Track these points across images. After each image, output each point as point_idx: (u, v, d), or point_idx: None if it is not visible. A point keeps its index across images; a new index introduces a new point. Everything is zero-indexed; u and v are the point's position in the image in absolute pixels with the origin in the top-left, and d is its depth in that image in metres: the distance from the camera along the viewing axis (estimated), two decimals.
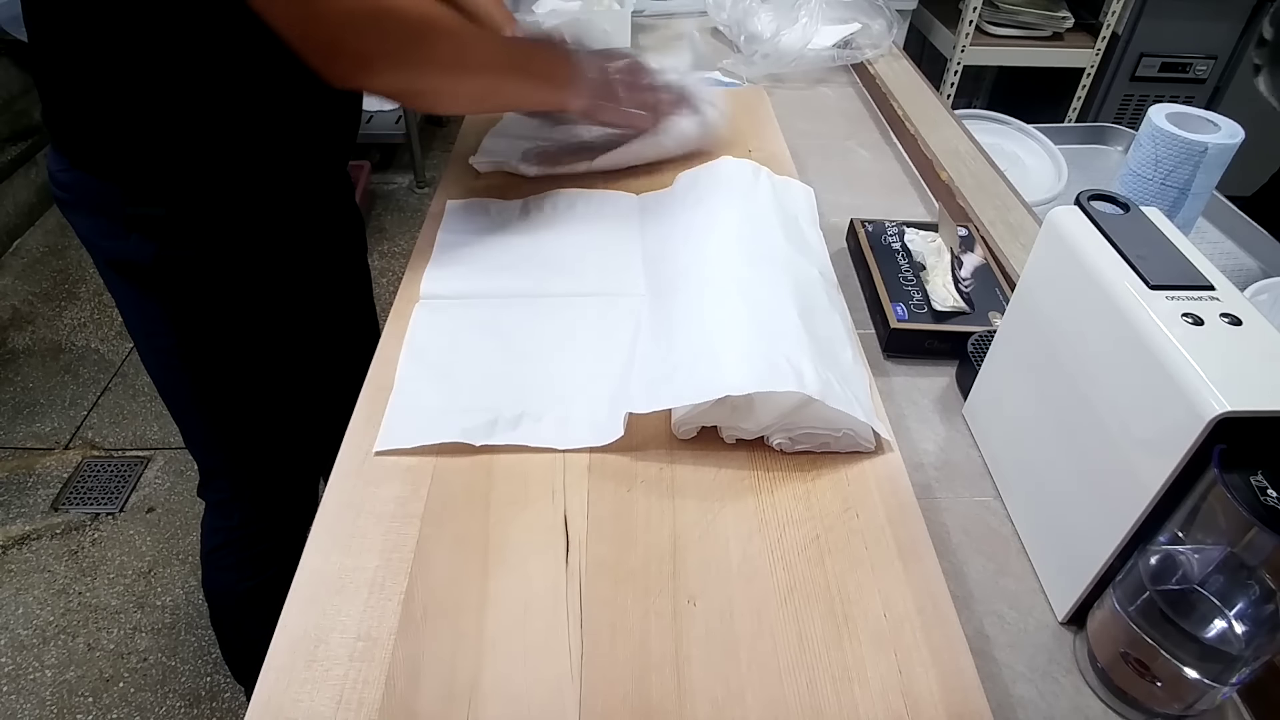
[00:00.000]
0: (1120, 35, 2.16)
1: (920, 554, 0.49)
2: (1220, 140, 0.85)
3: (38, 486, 1.62)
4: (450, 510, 0.51)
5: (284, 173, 0.74)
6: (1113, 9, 2.13)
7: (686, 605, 0.46)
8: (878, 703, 0.42)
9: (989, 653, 0.48)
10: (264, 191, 0.73)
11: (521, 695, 0.42)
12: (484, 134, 0.90)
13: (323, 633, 0.45)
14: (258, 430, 0.84)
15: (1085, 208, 0.49)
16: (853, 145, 1.01)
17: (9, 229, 2.28)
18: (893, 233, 0.77)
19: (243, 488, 0.89)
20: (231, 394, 0.80)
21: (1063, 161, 1.10)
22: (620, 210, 0.79)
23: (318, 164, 0.80)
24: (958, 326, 0.66)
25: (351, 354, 1.09)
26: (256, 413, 0.83)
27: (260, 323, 0.78)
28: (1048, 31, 2.22)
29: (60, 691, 1.31)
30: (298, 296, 0.81)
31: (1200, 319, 0.42)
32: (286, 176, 0.75)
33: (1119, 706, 0.45)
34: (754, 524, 0.51)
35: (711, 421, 0.55)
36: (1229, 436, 0.37)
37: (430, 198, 0.82)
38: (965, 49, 2.21)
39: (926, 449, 0.61)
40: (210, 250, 0.71)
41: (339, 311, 0.95)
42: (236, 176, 0.70)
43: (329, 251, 0.88)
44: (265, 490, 0.90)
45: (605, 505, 0.52)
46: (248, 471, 0.88)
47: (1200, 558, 0.41)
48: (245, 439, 0.85)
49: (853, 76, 1.19)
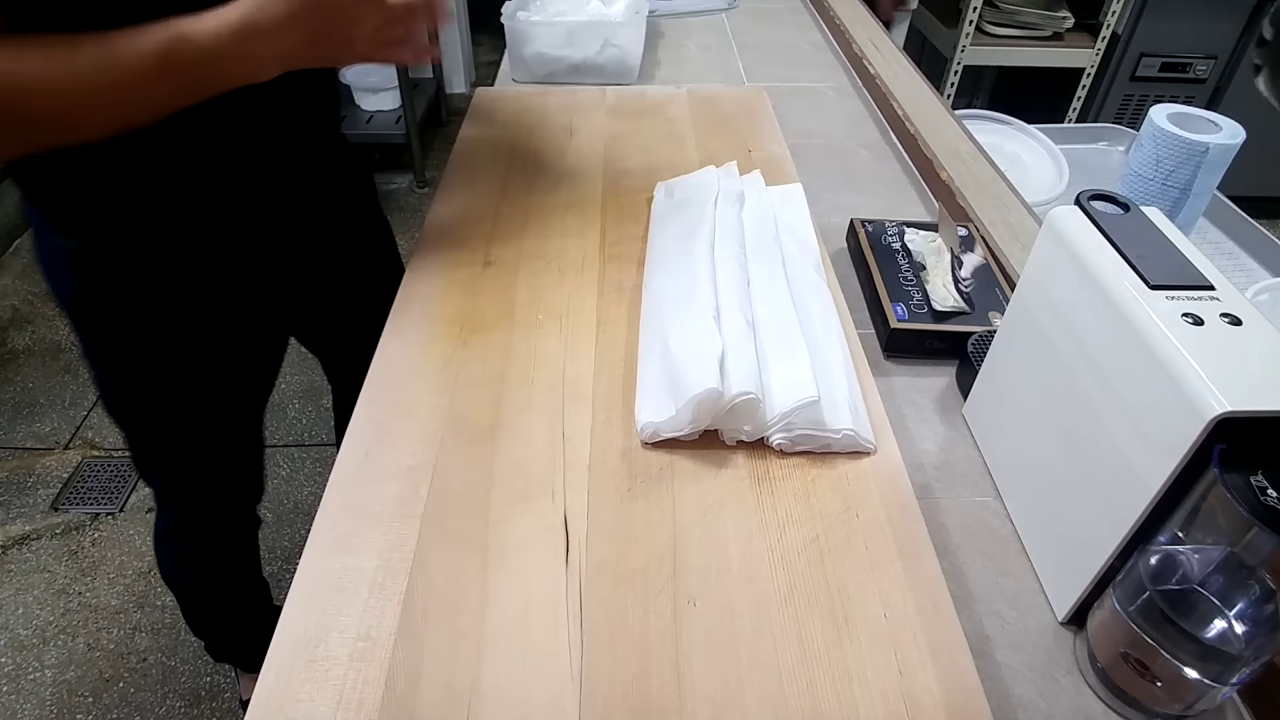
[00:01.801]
0: (1120, 35, 2.16)
1: (920, 554, 0.49)
2: (1221, 140, 0.85)
3: (38, 486, 1.62)
4: (450, 510, 0.51)
5: (212, 208, 0.67)
6: (1113, 9, 2.13)
7: (686, 605, 0.46)
8: (878, 703, 0.42)
9: (989, 653, 0.48)
10: (189, 228, 0.67)
11: (521, 695, 0.42)
12: (484, 134, 0.90)
13: (323, 633, 0.45)
14: (184, 458, 0.83)
15: (1085, 208, 0.49)
16: (853, 145, 1.01)
17: (9, 229, 2.28)
18: (893, 233, 0.77)
19: (173, 500, 0.90)
20: (155, 425, 0.79)
21: (1064, 161, 1.10)
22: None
23: (254, 196, 0.70)
24: (958, 326, 0.66)
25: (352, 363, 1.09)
26: (184, 442, 0.81)
27: (189, 362, 0.74)
28: (1048, 31, 2.22)
29: (60, 691, 1.31)
30: (243, 325, 0.77)
31: (1200, 319, 0.42)
32: (215, 211, 0.68)
33: (1119, 706, 0.45)
34: (754, 524, 0.51)
35: (711, 425, 0.56)
36: (1229, 436, 0.37)
37: (430, 198, 0.82)
38: (965, 49, 2.21)
39: (926, 449, 0.61)
40: (127, 289, 0.67)
41: (331, 324, 0.93)
42: (153, 212, 0.64)
43: (297, 280, 0.81)
44: (197, 503, 0.91)
45: (605, 505, 0.52)
46: (179, 490, 0.89)
47: (1200, 558, 0.41)
48: (172, 464, 0.84)
49: (853, 76, 1.19)
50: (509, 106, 0.99)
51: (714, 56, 1.25)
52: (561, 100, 1.01)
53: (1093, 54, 2.20)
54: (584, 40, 1.09)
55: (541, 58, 1.11)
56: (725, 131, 0.95)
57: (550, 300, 0.69)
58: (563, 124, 0.96)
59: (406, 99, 2.40)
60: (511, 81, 1.14)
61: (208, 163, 0.64)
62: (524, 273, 0.72)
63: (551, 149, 0.91)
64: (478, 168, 0.87)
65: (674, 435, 0.55)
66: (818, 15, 1.41)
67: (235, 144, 0.65)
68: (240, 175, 0.68)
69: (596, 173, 0.86)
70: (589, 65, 1.11)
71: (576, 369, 0.62)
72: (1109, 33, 2.16)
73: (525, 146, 0.91)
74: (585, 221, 0.79)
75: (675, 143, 0.92)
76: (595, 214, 0.80)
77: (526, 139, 0.92)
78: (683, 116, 0.98)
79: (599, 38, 1.09)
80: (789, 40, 1.32)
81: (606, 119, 0.97)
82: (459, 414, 0.58)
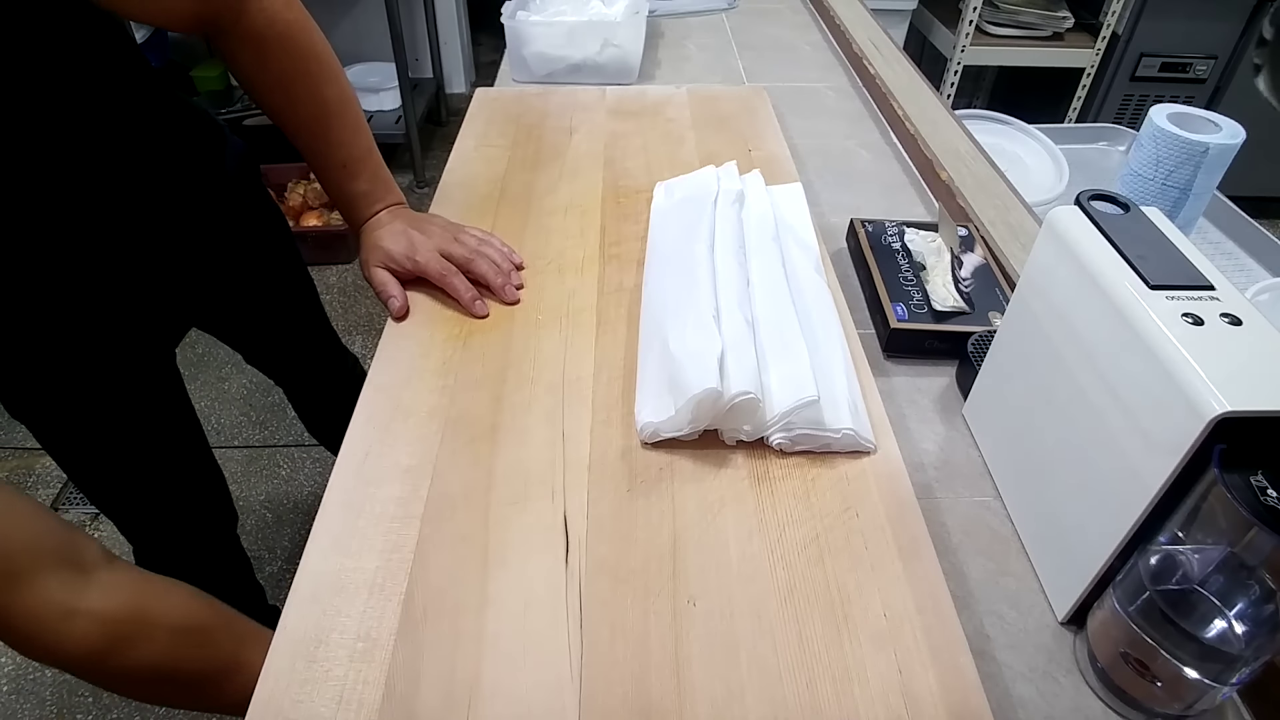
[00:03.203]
0: (1120, 35, 2.16)
1: (920, 554, 0.49)
2: (1221, 140, 0.85)
3: (38, 486, 1.62)
4: (450, 510, 0.51)
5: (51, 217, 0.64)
6: (1113, 9, 2.13)
7: (686, 605, 0.46)
8: (878, 703, 0.42)
9: (989, 653, 0.48)
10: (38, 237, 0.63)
11: (521, 695, 0.42)
12: (484, 133, 0.90)
13: (323, 633, 0.45)
14: (107, 481, 0.83)
15: (1085, 208, 0.49)
16: (853, 145, 1.01)
17: None
18: (893, 233, 0.77)
19: (126, 531, 0.90)
20: (66, 442, 0.78)
21: (1064, 161, 1.10)
22: None
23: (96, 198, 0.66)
24: (958, 326, 0.66)
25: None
26: (99, 461, 0.80)
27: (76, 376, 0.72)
28: (1048, 31, 2.22)
29: (60, 691, 1.31)
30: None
31: (1200, 319, 0.42)
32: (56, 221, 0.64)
33: (1119, 706, 0.45)
34: (754, 524, 0.51)
35: (711, 425, 0.56)
36: (1229, 436, 0.37)
37: (430, 198, 0.82)
38: (965, 49, 2.21)
39: (926, 449, 0.61)
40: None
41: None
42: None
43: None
44: (150, 532, 0.90)
45: (605, 505, 0.52)
46: (124, 519, 0.88)
47: (1200, 558, 0.41)
48: (102, 489, 0.83)
49: (853, 76, 1.19)
50: (509, 106, 0.99)
51: (714, 56, 1.25)
52: (561, 100, 1.01)
53: (1093, 54, 2.20)
54: (584, 40, 1.09)
55: (541, 58, 1.11)
56: (725, 131, 0.95)
57: (550, 300, 0.69)
58: (563, 124, 0.96)
59: (406, 99, 2.40)
60: (511, 81, 1.14)
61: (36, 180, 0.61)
62: (524, 272, 0.72)
63: (551, 149, 0.91)
64: (477, 168, 0.87)
65: (674, 435, 0.55)
66: (818, 15, 1.41)
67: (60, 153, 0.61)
68: (77, 183, 0.64)
69: (596, 173, 0.86)
70: (589, 65, 1.11)
71: (576, 369, 0.62)
72: (1109, 33, 2.16)
73: (525, 146, 0.91)
74: (585, 221, 0.79)
75: (675, 143, 0.92)
76: (595, 214, 0.80)
77: (526, 139, 0.92)
78: (683, 116, 0.98)
79: (599, 38, 1.09)
80: (789, 40, 1.32)
81: (606, 119, 0.97)
82: (459, 414, 0.58)
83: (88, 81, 0.61)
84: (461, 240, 0.71)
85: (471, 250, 0.69)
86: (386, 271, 0.70)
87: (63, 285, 0.67)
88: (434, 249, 0.70)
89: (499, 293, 0.68)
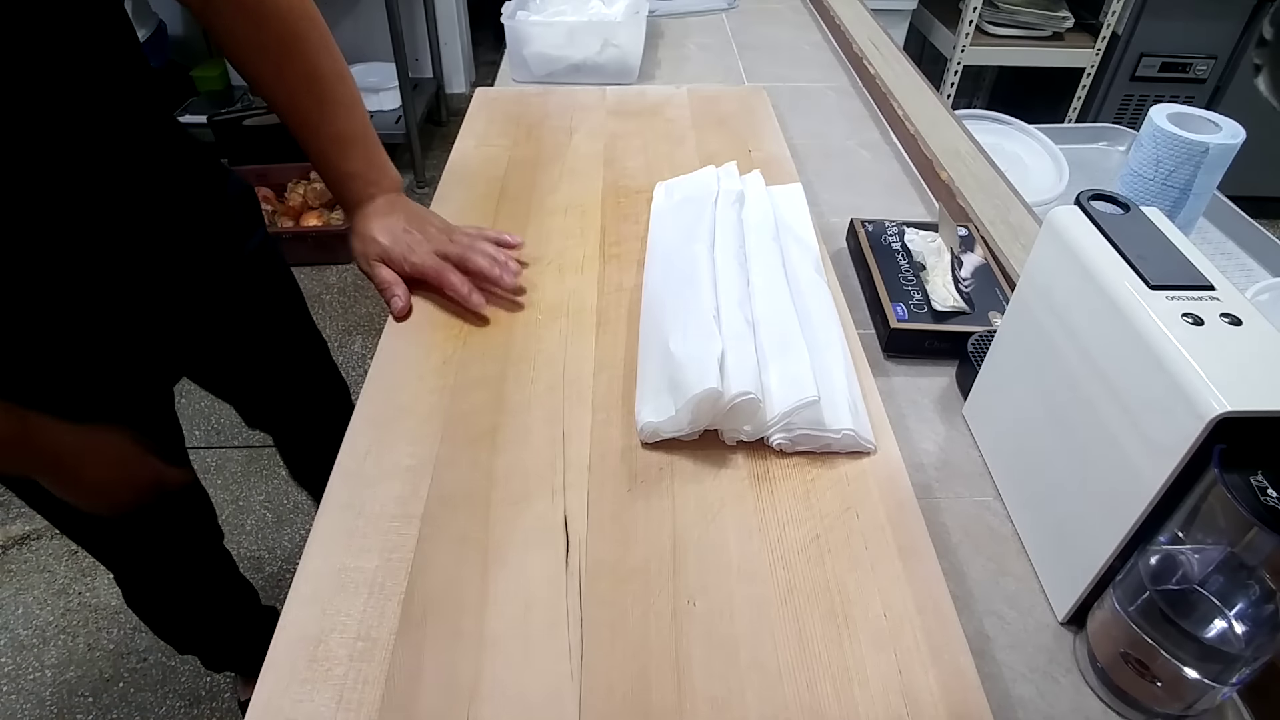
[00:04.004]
0: (1120, 35, 2.16)
1: (920, 554, 0.49)
2: (1221, 140, 0.85)
3: None
4: (450, 510, 0.51)
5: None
6: (1113, 9, 2.13)
7: (686, 605, 0.46)
8: (878, 703, 0.42)
9: (989, 653, 0.48)
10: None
11: (521, 695, 0.42)
12: (484, 133, 0.90)
13: (323, 633, 0.45)
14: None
15: (1085, 208, 0.49)
16: (853, 145, 1.01)
17: None
18: (893, 233, 0.77)
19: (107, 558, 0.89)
20: None
21: (1064, 161, 1.10)
22: None
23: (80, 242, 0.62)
24: (958, 326, 0.66)
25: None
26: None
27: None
28: (1048, 31, 2.22)
29: (60, 691, 1.31)
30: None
31: (1200, 319, 0.42)
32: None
33: (1119, 706, 0.45)
34: (754, 524, 0.51)
35: (711, 425, 0.56)
36: (1229, 436, 0.37)
37: (430, 198, 0.82)
38: (965, 49, 2.22)
39: (926, 449, 0.61)
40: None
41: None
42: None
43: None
44: (131, 551, 0.88)
45: (605, 505, 0.52)
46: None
47: (1200, 558, 0.41)
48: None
49: (853, 76, 1.19)
50: (509, 106, 0.99)
51: (714, 56, 1.25)
52: (561, 100, 1.01)
53: (1093, 54, 2.21)
54: (584, 40, 1.09)
55: (541, 58, 1.11)
56: (725, 131, 0.95)
57: (550, 300, 0.69)
58: (563, 124, 0.96)
59: (406, 99, 2.40)
60: (511, 81, 1.14)
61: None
62: (524, 272, 0.72)
63: (551, 149, 0.91)
64: (477, 168, 0.87)
65: (674, 435, 0.55)
66: (818, 15, 1.41)
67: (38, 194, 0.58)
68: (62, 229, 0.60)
69: (596, 173, 0.86)
70: (589, 65, 1.11)
71: (576, 369, 0.62)
72: (1109, 33, 2.17)
73: (525, 146, 0.91)
74: (585, 221, 0.79)
75: (675, 143, 0.93)
76: (595, 214, 0.80)
77: (526, 139, 0.92)
78: (683, 116, 0.98)
79: (599, 38, 1.09)
80: (789, 40, 1.32)
81: (606, 119, 0.97)
82: (459, 414, 0.58)
83: (88, 83, 0.59)
84: (455, 239, 0.70)
85: (465, 247, 0.69)
86: (388, 269, 0.70)
87: (51, 316, 0.64)
88: (430, 250, 0.69)
89: (497, 282, 0.68)
